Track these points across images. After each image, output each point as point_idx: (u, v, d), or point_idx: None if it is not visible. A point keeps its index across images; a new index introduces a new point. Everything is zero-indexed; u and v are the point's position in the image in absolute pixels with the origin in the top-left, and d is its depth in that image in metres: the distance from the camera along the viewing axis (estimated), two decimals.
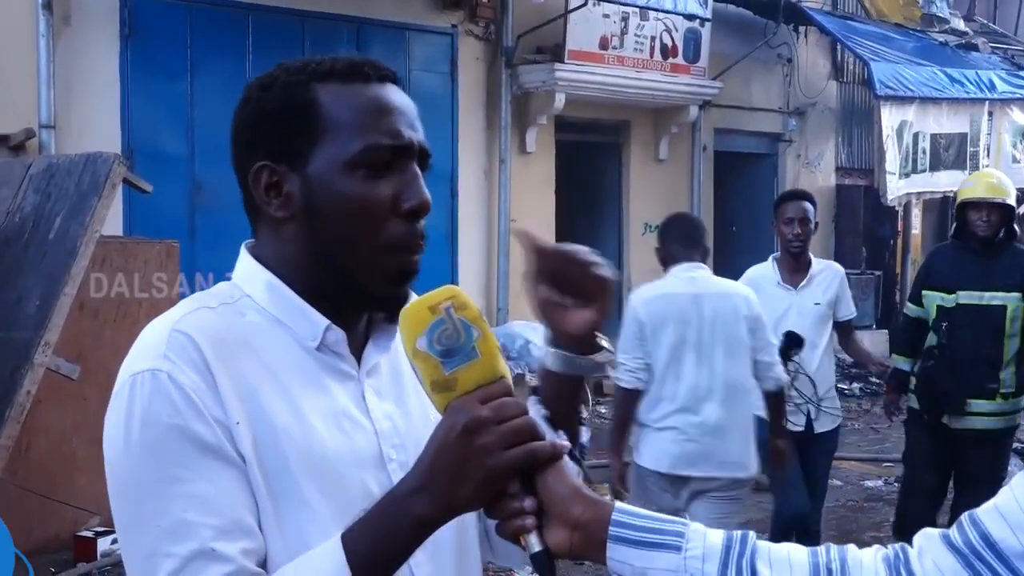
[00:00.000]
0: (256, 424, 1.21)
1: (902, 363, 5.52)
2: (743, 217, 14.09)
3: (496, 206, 10.66)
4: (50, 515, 5.88)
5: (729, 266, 13.78)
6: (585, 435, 1.34)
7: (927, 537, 1.15)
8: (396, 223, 1.27)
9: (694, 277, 4.30)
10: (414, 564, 1.24)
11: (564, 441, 1.17)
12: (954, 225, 5.54)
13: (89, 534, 5.88)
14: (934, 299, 5.29)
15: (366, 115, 1.28)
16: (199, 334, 1.21)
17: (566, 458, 1.16)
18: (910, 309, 5.53)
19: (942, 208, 16.21)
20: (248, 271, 1.32)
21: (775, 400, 4.48)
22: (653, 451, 4.25)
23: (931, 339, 5.28)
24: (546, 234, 11.09)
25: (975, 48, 15.08)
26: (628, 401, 4.28)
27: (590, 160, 12.29)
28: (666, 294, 4.29)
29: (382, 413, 1.32)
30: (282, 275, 1.30)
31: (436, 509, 1.12)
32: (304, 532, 1.20)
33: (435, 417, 1.16)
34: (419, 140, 1.30)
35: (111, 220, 6.48)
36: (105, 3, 8.41)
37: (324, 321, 1.29)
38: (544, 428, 1.16)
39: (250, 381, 1.22)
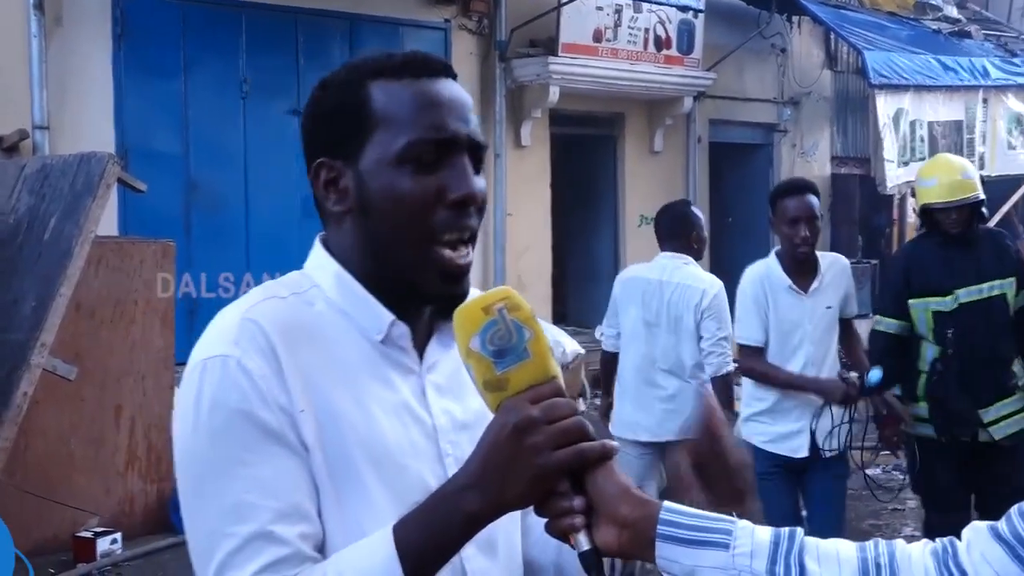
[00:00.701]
0: (320, 412, 1.24)
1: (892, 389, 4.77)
2: (739, 208, 14.08)
3: (492, 200, 10.64)
4: (49, 516, 5.89)
5: (725, 257, 13.80)
6: None
7: (975, 530, 1.15)
8: (443, 213, 1.30)
9: (665, 265, 4.95)
10: (465, 557, 1.29)
11: (614, 443, 1.18)
12: (919, 222, 4.96)
13: (88, 534, 5.88)
14: (927, 306, 4.61)
15: (412, 111, 1.30)
16: (268, 323, 1.25)
17: (616, 458, 1.17)
18: (888, 324, 4.73)
19: None
20: (319, 262, 1.36)
21: (718, 384, 4.82)
22: (627, 420, 5.01)
23: (930, 352, 4.63)
24: (542, 228, 11.16)
25: (968, 35, 15.07)
26: (608, 361, 5.24)
27: (585, 153, 12.29)
28: (637, 277, 5.06)
29: (441, 409, 1.35)
30: (348, 267, 1.34)
31: (486, 506, 1.15)
32: (362, 519, 1.23)
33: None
34: (468, 132, 1.33)
35: (106, 220, 6.47)
36: (97, 3, 8.39)
37: (389, 316, 1.32)
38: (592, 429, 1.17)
39: (315, 370, 1.26)
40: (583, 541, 1.14)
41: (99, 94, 8.44)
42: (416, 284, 1.31)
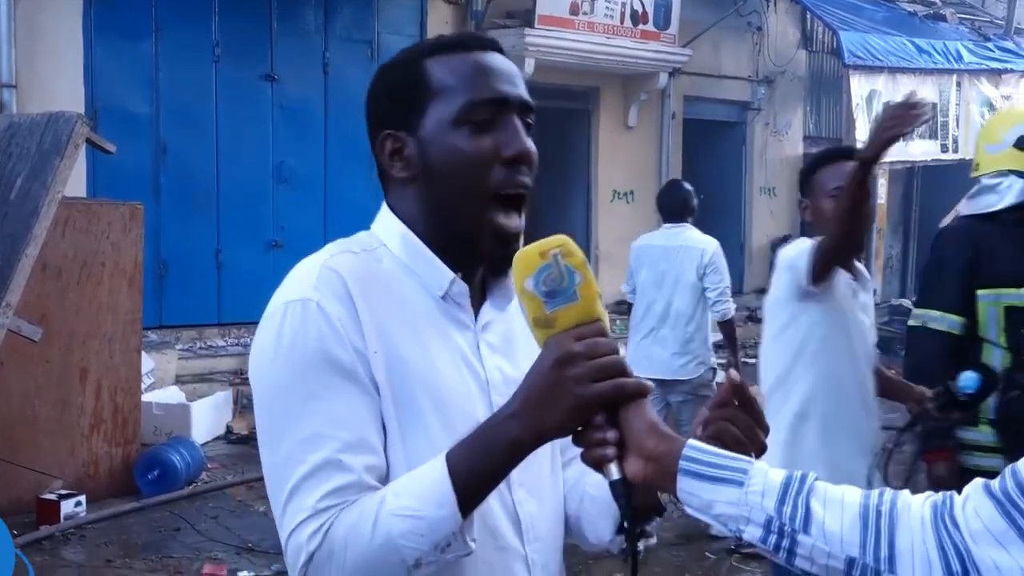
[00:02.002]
0: (390, 355, 1.36)
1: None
2: (712, 185, 14.10)
3: None
4: (13, 478, 5.85)
5: None
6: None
7: (974, 486, 1.20)
8: (499, 170, 1.41)
9: (669, 234, 5.90)
10: (518, 501, 1.44)
11: (649, 383, 1.27)
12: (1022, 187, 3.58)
13: (52, 497, 5.85)
14: (998, 299, 3.48)
15: (467, 77, 1.43)
16: (346, 272, 1.38)
17: (649, 397, 1.27)
18: (948, 322, 3.54)
19: (907, 178, 16.32)
20: (386, 224, 1.49)
21: (725, 328, 5.81)
22: (632, 358, 5.82)
23: (996, 360, 3.48)
24: None
25: (943, 19, 15.15)
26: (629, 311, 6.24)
27: (560, 127, 12.27)
28: (646, 245, 6.05)
29: (494, 364, 1.46)
30: (412, 229, 1.46)
31: (528, 432, 1.25)
32: (423, 455, 1.31)
33: None
34: (518, 95, 1.45)
35: (74, 181, 6.40)
36: None
37: (451, 274, 1.44)
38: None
39: (386, 317, 1.38)
40: (614, 471, 1.23)
41: (69, 53, 8.33)
42: (472, 243, 1.42)
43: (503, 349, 1.49)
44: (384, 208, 1.50)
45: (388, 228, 1.48)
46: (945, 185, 14.61)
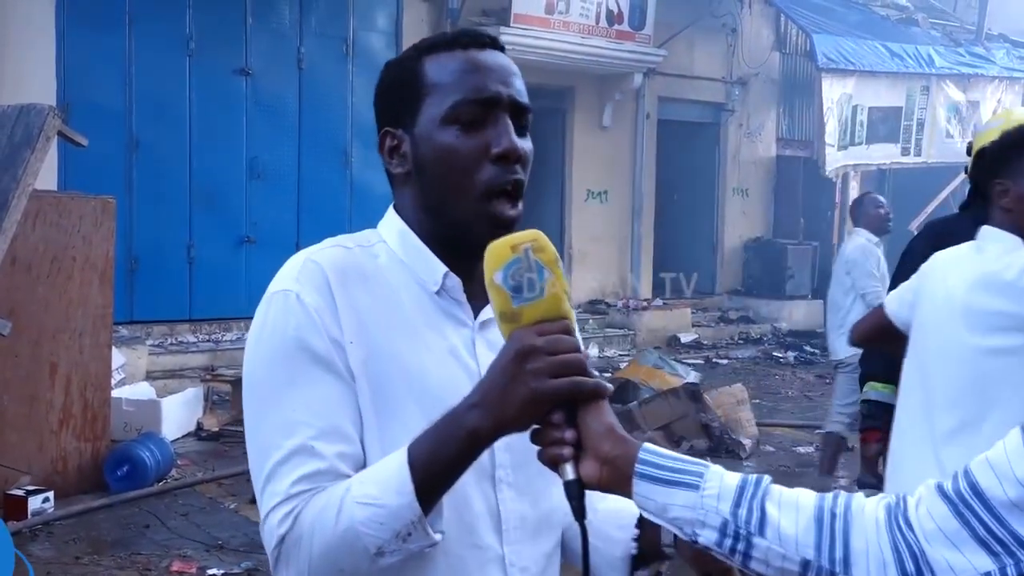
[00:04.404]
0: (370, 346, 1.38)
1: None
2: (685, 186, 14.20)
3: None
4: None
5: (669, 235, 13.89)
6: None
7: (926, 487, 1.21)
8: (488, 168, 1.42)
9: (846, 238, 7.14)
10: (502, 499, 1.43)
11: (608, 385, 1.27)
12: None
13: (20, 493, 5.80)
14: None
15: (457, 76, 1.44)
16: (328, 265, 1.40)
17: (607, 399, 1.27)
18: None
19: (878, 180, 16.45)
20: (388, 221, 1.52)
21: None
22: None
23: None
24: None
25: (915, 23, 15.27)
26: None
27: (534, 126, 12.19)
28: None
29: (488, 361, 1.40)
30: (411, 226, 1.49)
31: (486, 423, 1.25)
32: (401, 446, 1.31)
33: None
34: (510, 94, 1.47)
35: (45, 174, 6.36)
36: None
37: (443, 267, 1.46)
38: (593, 369, 1.26)
39: (369, 309, 1.40)
40: (569, 471, 1.23)
41: (41, 45, 8.27)
42: (468, 235, 1.42)
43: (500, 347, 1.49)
44: (390, 207, 1.53)
45: (389, 225, 1.51)
46: (915, 188, 14.73)
